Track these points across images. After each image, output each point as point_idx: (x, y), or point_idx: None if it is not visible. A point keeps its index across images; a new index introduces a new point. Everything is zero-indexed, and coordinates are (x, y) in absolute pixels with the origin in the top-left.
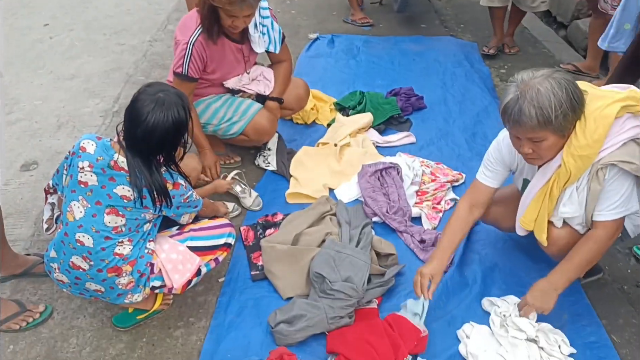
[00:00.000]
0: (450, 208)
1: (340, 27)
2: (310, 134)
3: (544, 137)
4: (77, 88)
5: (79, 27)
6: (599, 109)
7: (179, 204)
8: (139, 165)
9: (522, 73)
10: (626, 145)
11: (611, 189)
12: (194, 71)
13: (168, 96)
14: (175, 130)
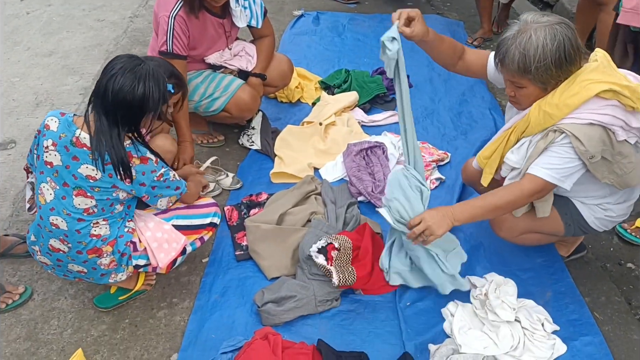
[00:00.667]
0: (435, 187)
1: (326, 4)
2: (295, 113)
3: (524, 85)
4: (56, 65)
5: (57, 2)
6: (589, 80)
7: (152, 183)
8: (104, 129)
9: (530, 14)
10: (592, 126)
11: (556, 151)
12: (180, 48)
13: (148, 68)
14: (137, 103)
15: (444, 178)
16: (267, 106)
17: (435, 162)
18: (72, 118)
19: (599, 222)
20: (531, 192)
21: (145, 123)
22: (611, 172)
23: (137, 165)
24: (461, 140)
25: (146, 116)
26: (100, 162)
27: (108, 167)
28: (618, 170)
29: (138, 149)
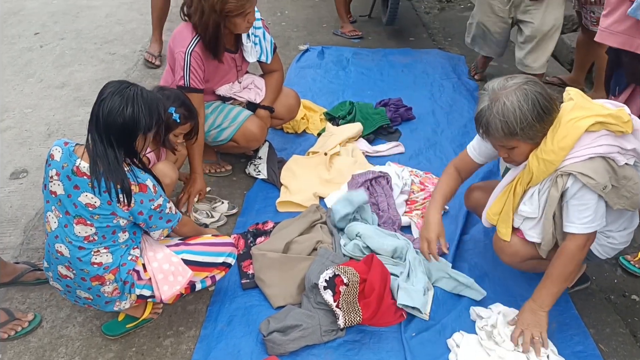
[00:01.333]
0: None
1: (330, 39)
2: (301, 143)
3: (514, 145)
4: (68, 97)
5: (69, 36)
6: (574, 119)
7: (150, 212)
8: (100, 153)
9: (494, 82)
10: (592, 160)
11: (580, 203)
12: (196, 82)
13: (136, 90)
14: (128, 124)
15: (447, 208)
16: (273, 136)
17: None
18: (74, 147)
19: (601, 249)
20: (580, 248)
21: (139, 145)
22: (620, 197)
23: (136, 193)
24: None
25: (140, 138)
26: (99, 189)
27: (105, 194)
28: (626, 193)
29: (137, 176)
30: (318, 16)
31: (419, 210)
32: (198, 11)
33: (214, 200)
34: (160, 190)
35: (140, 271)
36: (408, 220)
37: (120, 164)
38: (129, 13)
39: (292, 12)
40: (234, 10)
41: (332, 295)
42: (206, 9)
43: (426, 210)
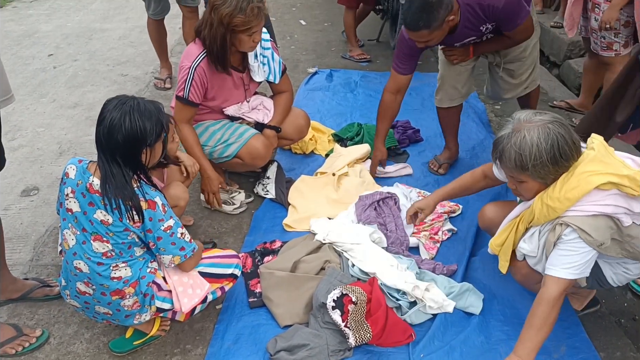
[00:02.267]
0: (447, 238)
1: (339, 62)
2: (309, 164)
3: (523, 180)
4: (80, 116)
5: (83, 58)
6: (588, 172)
7: (158, 233)
8: (107, 170)
9: (522, 113)
10: (596, 217)
11: (569, 248)
12: (195, 96)
13: (133, 103)
14: (130, 138)
15: (455, 230)
16: (281, 157)
17: (447, 213)
18: (87, 164)
19: (616, 277)
20: (559, 293)
21: (146, 158)
22: (623, 249)
23: (145, 210)
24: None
25: (145, 151)
26: (110, 206)
27: (116, 212)
28: (629, 248)
29: (146, 192)
30: (327, 40)
31: (427, 231)
32: (208, 24)
33: (231, 190)
34: (170, 211)
35: (160, 283)
36: (416, 241)
37: (129, 181)
38: (141, 36)
39: (301, 36)
40: (240, 25)
41: (341, 315)
42: (215, 22)
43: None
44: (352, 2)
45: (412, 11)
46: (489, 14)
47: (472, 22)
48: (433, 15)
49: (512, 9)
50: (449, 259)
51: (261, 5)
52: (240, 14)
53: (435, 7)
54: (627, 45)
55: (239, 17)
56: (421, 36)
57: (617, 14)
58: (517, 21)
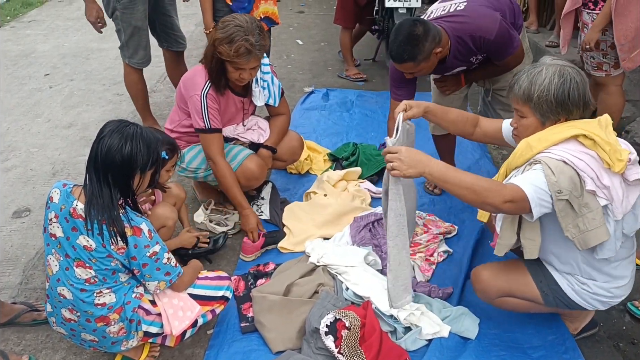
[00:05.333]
0: (443, 260)
1: (335, 81)
2: (304, 184)
3: (525, 113)
4: (74, 136)
5: (79, 78)
6: (576, 126)
7: (144, 260)
8: (95, 191)
9: (550, 57)
10: (564, 164)
11: (533, 173)
12: (215, 121)
13: (136, 129)
14: (126, 163)
15: (451, 251)
16: (276, 177)
17: (442, 234)
18: (72, 189)
19: (581, 297)
20: (507, 198)
21: (135, 184)
22: (575, 225)
23: (130, 236)
24: (468, 213)
25: (136, 177)
26: (92, 231)
27: (99, 237)
28: (582, 225)
29: (131, 218)
30: (323, 59)
31: (422, 253)
32: (209, 43)
33: (224, 211)
34: (156, 237)
35: (148, 308)
36: (411, 263)
37: (115, 204)
38: None
39: (297, 56)
40: (224, 54)
41: (334, 340)
42: (210, 42)
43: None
44: (349, 22)
45: (397, 43)
46: (480, 45)
47: (462, 53)
48: (418, 48)
49: (503, 40)
50: (444, 281)
51: (253, 46)
52: (228, 45)
53: (420, 39)
54: (617, 65)
55: (224, 46)
56: (407, 68)
57: (597, 35)
58: (508, 51)
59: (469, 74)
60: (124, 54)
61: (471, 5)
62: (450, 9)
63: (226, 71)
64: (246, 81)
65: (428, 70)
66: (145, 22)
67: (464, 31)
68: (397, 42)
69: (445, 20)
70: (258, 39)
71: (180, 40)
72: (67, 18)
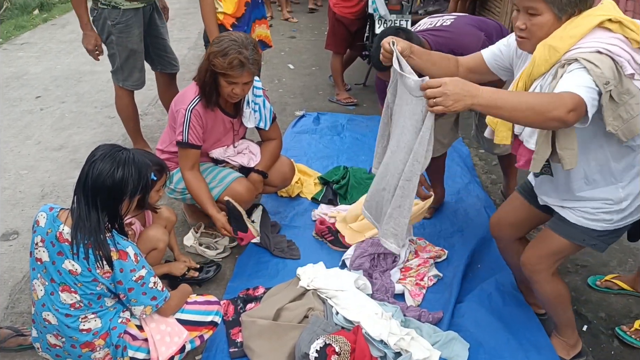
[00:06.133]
0: (433, 284)
1: (326, 105)
2: (294, 207)
3: (539, 10)
4: (64, 159)
5: (70, 100)
6: (594, 14)
7: (130, 284)
8: (83, 215)
9: None
10: (600, 54)
11: (578, 73)
12: (194, 138)
13: (128, 154)
14: (117, 187)
15: (441, 275)
16: (267, 200)
17: (432, 258)
18: (58, 212)
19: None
20: (570, 107)
21: (124, 209)
22: (616, 117)
23: (116, 260)
24: (457, 237)
25: (125, 202)
26: (78, 255)
27: (85, 261)
28: (624, 113)
29: (117, 242)
30: (314, 84)
31: (413, 277)
32: (204, 57)
33: (214, 234)
34: (143, 261)
35: (134, 333)
36: (402, 288)
37: (102, 228)
38: None
39: (289, 80)
40: (218, 67)
41: None
42: (204, 57)
43: None
44: (340, 48)
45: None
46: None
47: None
48: None
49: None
50: (434, 305)
51: (246, 59)
52: (222, 57)
53: None
54: None
55: (219, 59)
56: (388, 76)
57: None
58: None
59: None
60: (117, 77)
61: (457, 23)
62: (437, 24)
63: (219, 86)
64: (238, 97)
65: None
66: (140, 45)
67: (446, 45)
68: (379, 49)
69: (430, 32)
70: (252, 53)
71: (174, 63)
72: (60, 41)
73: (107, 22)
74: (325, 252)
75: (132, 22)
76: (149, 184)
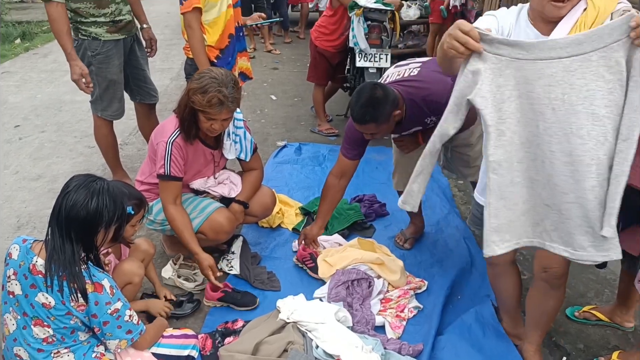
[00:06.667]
0: (414, 316)
1: (308, 136)
2: (275, 238)
3: None
4: (42, 189)
5: (50, 129)
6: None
7: (105, 317)
8: (57, 246)
9: None
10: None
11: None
12: (176, 170)
13: (103, 184)
14: (90, 218)
15: (421, 307)
16: (247, 230)
17: (412, 289)
18: (32, 244)
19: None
20: None
21: (99, 240)
22: None
23: (91, 292)
24: (437, 268)
25: (100, 232)
26: (52, 288)
27: (59, 293)
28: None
29: (93, 274)
30: (296, 114)
31: (393, 309)
32: (184, 92)
33: (194, 265)
34: (118, 293)
35: None
36: (382, 320)
37: (77, 260)
38: None
39: (271, 110)
40: (196, 104)
41: None
42: (185, 91)
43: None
44: (321, 80)
45: (359, 105)
46: (432, 108)
47: (417, 115)
48: (379, 111)
49: None
50: (415, 338)
51: (225, 98)
52: (201, 94)
53: (381, 102)
54: None
55: (198, 96)
56: (368, 129)
57: None
58: None
59: (426, 133)
60: (95, 107)
61: (424, 71)
62: (405, 74)
63: (198, 120)
64: (217, 132)
65: (387, 131)
66: (120, 75)
67: (417, 95)
68: (359, 105)
69: (400, 84)
70: (232, 91)
71: (153, 93)
72: (42, 70)
73: (87, 52)
74: (306, 284)
75: (112, 54)
76: (125, 214)
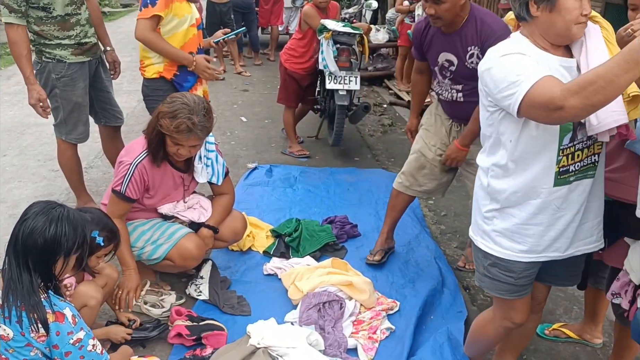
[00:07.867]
0: (386, 337)
1: (279, 158)
2: (245, 261)
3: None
4: (2, 214)
5: (12, 153)
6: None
7: (66, 347)
8: (14, 276)
9: None
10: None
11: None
12: (132, 192)
13: (63, 211)
14: (48, 246)
15: (393, 328)
16: (217, 254)
17: (384, 310)
18: None
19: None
20: None
21: (58, 268)
22: None
23: (52, 322)
24: (409, 289)
25: (60, 261)
26: (10, 319)
27: (17, 325)
28: None
29: (54, 303)
30: (267, 136)
31: (366, 331)
32: (154, 114)
33: (160, 292)
34: (81, 322)
35: None
36: (354, 342)
37: (35, 289)
38: None
39: (241, 132)
40: (164, 128)
41: None
42: (155, 114)
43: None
44: (291, 102)
45: None
46: (483, 35)
47: (468, 33)
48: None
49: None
50: (387, 359)
51: (194, 125)
52: (170, 119)
53: None
54: None
55: (167, 120)
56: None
57: None
58: None
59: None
60: (59, 130)
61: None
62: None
63: (165, 144)
64: (184, 157)
65: (449, 10)
66: (85, 98)
67: (480, 12)
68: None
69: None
70: (202, 119)
71: (118, 115)
72: (4, 93)
73: (51, 75)
74: (277, 308)
75: (77, 76)
76: (86, 242)
